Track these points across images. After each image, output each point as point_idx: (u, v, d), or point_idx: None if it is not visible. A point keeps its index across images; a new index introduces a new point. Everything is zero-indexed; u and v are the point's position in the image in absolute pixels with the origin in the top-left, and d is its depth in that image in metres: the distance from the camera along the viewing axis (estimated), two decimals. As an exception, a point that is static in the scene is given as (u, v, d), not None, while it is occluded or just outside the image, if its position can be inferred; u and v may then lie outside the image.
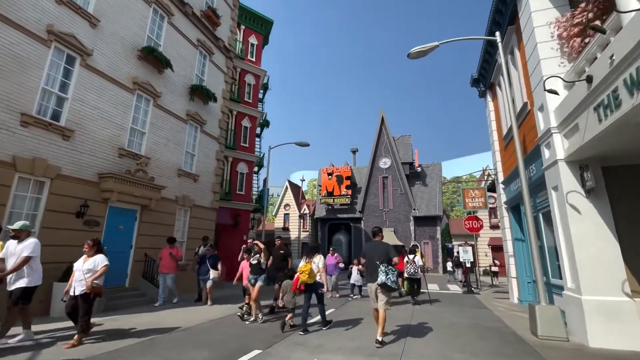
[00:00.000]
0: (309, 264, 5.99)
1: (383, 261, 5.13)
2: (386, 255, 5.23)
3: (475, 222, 13.69)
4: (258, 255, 6.65)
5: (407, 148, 32.70)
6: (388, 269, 5.05)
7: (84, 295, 4.90)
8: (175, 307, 8.28)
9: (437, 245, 28.60)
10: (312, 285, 5.92)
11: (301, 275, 5.76)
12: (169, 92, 10.81)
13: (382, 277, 4.99)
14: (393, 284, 5.03)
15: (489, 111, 11.97)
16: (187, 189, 11.40)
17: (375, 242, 5.57)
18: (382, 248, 5.35)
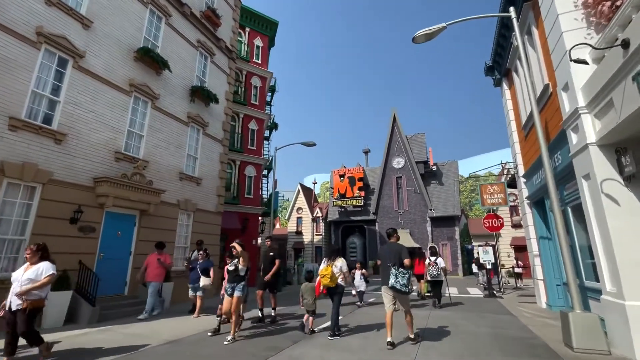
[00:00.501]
0: (330, 267, 5.90)
1: (395, 263, 5.07)
2: (398, 257, 5.14)
3: (495, 220, 12.74)
4: (236, 260, 5.77)
5: (421, 146, 31.69)
6: (398, 272, 4.98)
7: (21, 310, 4.12)
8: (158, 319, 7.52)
9: (455, 247, 27.39)
10: (335, 289, 5.84)
11: (322, 279, 5.72)
12: (168, 94, 10.58)
13: (391, 280, 4.97)
14: (402, 287, 4.93)
15: (506, 100, 11.11)
16: (190, 192, 11.10)
17: (389, 244, 5.52)
18: (394, 250, 5.27)
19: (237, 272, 5.66)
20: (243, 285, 5.71)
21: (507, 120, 11.33)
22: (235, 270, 5.67)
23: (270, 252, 7.30)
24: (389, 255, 5.25)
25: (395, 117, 32.26)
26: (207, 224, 11.77)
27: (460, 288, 15.56)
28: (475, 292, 13.71)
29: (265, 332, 6.39)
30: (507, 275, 16.45)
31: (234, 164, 17.69)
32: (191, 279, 8.10)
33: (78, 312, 6.94)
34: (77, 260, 7.39)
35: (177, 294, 9.73)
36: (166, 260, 8.15)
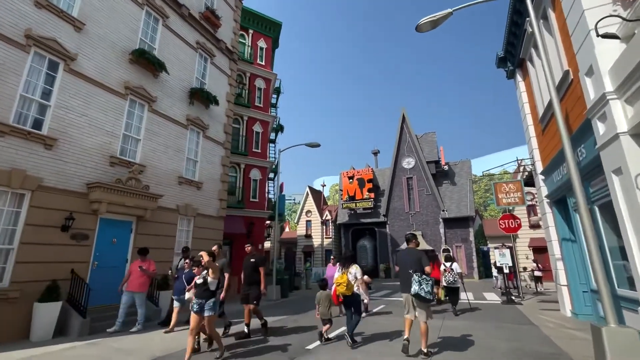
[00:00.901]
0: (345, 274, 5.71)
1: (416, 270, 4.95)
2: (419, 263, 5.02)
3: (512, 221, 11.97)
4: (205, 272, 4.95)
5: (431, 146, 30.83)
6: (422, 279, 4.84)
7: None
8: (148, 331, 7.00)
9: (470, 249, 26.38)
10: (351, 297, 5.71)
11: (338, 287, 5.57)
12: (165, 97, 10.33)
13: (415, 287, 4.81)
14: (427, 294, 4.78)
15: (520, 93, 10.40)
16: (190, 197, 10.80)
17: (408, 250, 5.38)
18: (414, 256, 5.13)
19: (207, 286, 4.88)
20: (214, 302, 4.89)
21: (522, 114, 10.61)
22: (204, 283, 4.89)
23: (252, 258, 6.49)
24: (409, 261, 5.10)
25: (404, 116, 31.54)
26: (209, 229, 11.44)
27: (476, 293, 14.75)
28: (492, 298, 12.91)
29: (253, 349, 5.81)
30: (529, 279, 15.49)
31: (239, 167, 17.41)
32: (175, 290, 7.17)
33: (69, 324, 6.64)
34: (70, 270, 7.12)
35: (176, 302, 9.38)
36: (149, 268, 7.36)
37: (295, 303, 12.15)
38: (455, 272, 9.29)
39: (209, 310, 4.82)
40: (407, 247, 5.49)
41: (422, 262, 5.02)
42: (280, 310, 9.97)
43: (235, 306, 10.12)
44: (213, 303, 4.87)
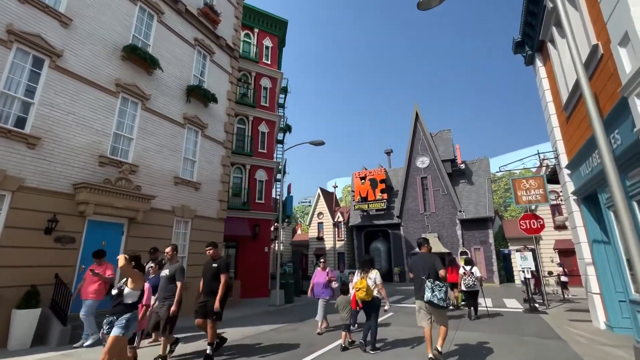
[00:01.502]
0: (365, 279, 5.66)
1: (429, 276, 4.84)
2: (432, 268, 4.90)
3: (534, 221, 10.92)
4: (122, 281, 4.01)
5: (447, 144, 29.60)
6: (434, 285, 4.73)
7: None
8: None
9: (490, 251, 24.98)
10: (371, 302, 5.65)
11: (358, 292, 5.54)
12: (161, 95, 10.00)
13: (427, 294, 4.72)
14: (440, 301, 4.66)
15: (540, 79, 9.43)
16: (187, 198, 10.40)
17: (420, 255, 5.25)
18: (427, 261, 5.02)
19: (121, 299, 3.86)
20: (127, 319, 3.79)
21: (542, 103, 9.63)
22: (120, 295, 3.88)
23: (214, 263, 5.51)
24: (422, 266, 4.97)
25: (417, 113, 30.48)
26: (208, 231, 11.01)
27: (496, 299, 13.66)
28: (513, 305, 11.84)
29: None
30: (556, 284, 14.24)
31: (244, 168, 17.03)
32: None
33: (49, 332, 6.28)
34: (54, 274, 6.78)
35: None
36: (105, 272, 6.33)
37: (299, 309, 11.53)
38: (475, 275, 9.13)
39: (120, 328, 3.70)
40: (419, 252, 5.34)
41: (435, 267, 4.89)
42: (280, 318, 9.38)
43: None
44: (126, 320, 3.77)
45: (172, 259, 5.73)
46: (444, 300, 4.71)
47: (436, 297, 4.65)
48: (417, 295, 5.05)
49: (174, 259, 5.75)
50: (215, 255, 5.75)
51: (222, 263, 5.60)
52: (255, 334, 7.39)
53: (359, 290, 5.53)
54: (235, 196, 16.33)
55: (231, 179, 16.61)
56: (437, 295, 4.66)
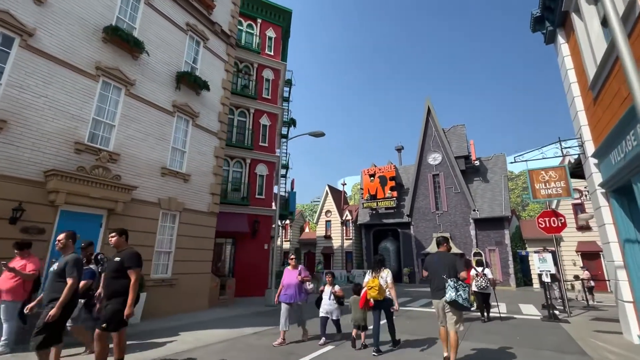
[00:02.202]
0: (377, 278, 5.58)
1: (450, 275, 4.69)
2: (453, 268, 4.76)
3: (554, 219, 9.81)
4: None
5: (460, 139, 28.25)
6: (458, 284, 4.56)
7: None
8: None
9: (506, 253, 23.59)
10: (382, 302, 5.61)
11: (370, 291, 5.50)
12: (147, 80, 9.46)
13: (451, 293, 4.51)
14: (465, 301, 4.49)
15: (563, 58, 8.34)
16: (175, 190, 9.84)
17: (439, 254, 5.09)
18: (448, 260, 4.89)
19: None
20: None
21: (565, 85, 8.54)
22: None
23: (117, 257, 4.17)
24: (442, 266, 4.82)
25: (429, 107, 29.24)
26: (198, 225, 10.42)
27: (511, 304, 12.55)
28: (529, 311, 10.75)
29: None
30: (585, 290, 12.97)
31: (244, 162, 16.45)
32: None
33: (8, 330, 5.76)
34: (19, 267, 6.27)
35: (154, 306, 8.43)
36: (25, 268, 5.29)
37: (294, 310, 10.78)
38: (488, 277, 9.04)
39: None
40: (437, 250, 5.16)
41: (456, 267, 4.76)
42: (270, 320, 8.67)
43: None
44: None
45: (64, 248, 4.18)
46: (468, 301, 4.53)
47: (461, 296, 4.46)
48: (435, 294, 4.88)
49: (67, 249, 4.19)
50: (119, 245, 4.27)
51: (128, 255, 4.14)
52: (233, 337, 6.69)
53: (371, 289, 5.47)
54: (235, 191, 15.78)
55: (230, 174, 16.11)
56: (462, 295, 4.48)
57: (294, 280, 6.33)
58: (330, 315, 6.35)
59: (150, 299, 8.40)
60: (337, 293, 6.36)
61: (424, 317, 9.57)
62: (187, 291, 9.71)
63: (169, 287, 9.23)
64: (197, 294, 10.06)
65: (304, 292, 6.46)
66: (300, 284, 6.37)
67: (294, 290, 6.28)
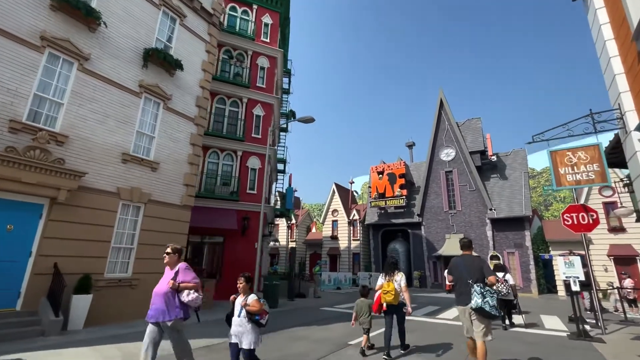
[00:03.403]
0: (391, 282, 5.45)
1: (477, 280, 4.35)
2: (479, 272, 4.43)
3: (584, 214, 8.10)
4: None
5: (476, 134, 26.25)
6: (485, 291, 4.23)
7: None
8: None
9: (526, 256, 21.47)
10: (397, 307, 5.49)
11: (385, 295, 5.35)
12: (108, 56, 8.46)
13: (477, 299, 4.19)
14: (492, 309, 4.14)
15: (595, 11, 6.70)
16: (139, 179, 8.78)
17: (465, 257, 4.74)
18: (475, 264, 4.55)
19: None
20: None
21: (597, 48, 6.90)
22: None
23: None
24: (468, 270, 4.54)
25: (442, 100, 27.39)
26: (167, 219, 9.33)
27: (532, 316, 10.78)
28: (553, 325, 9.03)
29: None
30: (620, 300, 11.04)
31: (235, 154, 15.37)
32: None
33: None
34: None
35: (100, 311, 7.34)
36: None
37: (277, 317, 9.50)
38: (509, 283, 8.58)
39: None
40: (462, 253, 4.84)
41: (484, 272, 4.46)
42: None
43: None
44: None
45: None
46: (496, 309, 4.21)
47: (488, 303, 4.15)
48: (459, 301, 4.58)
49: None
50: None
51: None
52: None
53: (386, 294, 5.32)
54: (225, 185, 14.69)
55: (220, 167, 15.06)
56: (490, 302, 4.17)
57: (163, 287, 3.92)
58: (239, 341, 3.93)
59: (101, 302, 7.34)
60: (251, 307, 3.89)
61: (424, 329, 8.07)
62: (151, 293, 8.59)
63: (128, 287, 8.15)
64: (164, 297, 8.93)
65: (180, 307, 3.90)
66: (172, 293, 3.90)
67: (162, 302, 3.86)
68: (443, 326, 8.63)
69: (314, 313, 10.39)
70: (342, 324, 8.46)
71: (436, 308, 12.31)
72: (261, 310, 3.90)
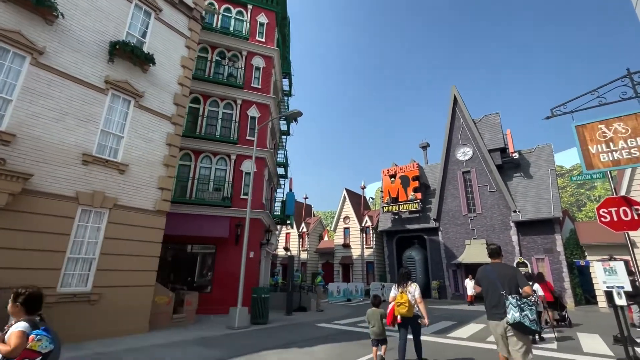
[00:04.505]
0: (405, 294, 5.23)
1: (512, 291, 3.96)
2: (513, 282, 4.03)
3: (626, 209, 6.47)
4: None
5: (495, 130, 24.32)
6: (523, 303, 3.78)
7: None
8: None
9: (558, 262, 19.17)
10: (411, 318, 5.24)
11: (399, 307, 5.15)
12: (67, 50, 7.83)
13: (514, 313, 3.73)
14: (533, 323, 3.68)
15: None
16: (104, 182, 7.99)
17: (495, 265, 4.32)
18: (508, 273, 4.13)
19: None
20: None
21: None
22: None
23: None
24: (500, 280, 4.09)
25: (456, 97, 25.72)
26: (138, 227, 8.46)
27: (565, 334, 8.98)
28: (594, 347, 7.29)
29: None
30: None
31: (229, 158, 14.56)
32: None
33: None
34: None
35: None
36: None
37: (259, 336, 8.30)
38: (537, 294, 8.36)
39: None
40: (492, 261, 4.39)
41: (518, 281, 4.02)
42: (205, 352, 6.30)
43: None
44: None
45: None
46: (537, 323, 3.71)
47: (527, 317, 3.66)
48: (492, 315, 4.13)
49: None
50: None
51: None
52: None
53: (400, 306, 5.17)
54: (216, 190, 13.85)
55: (213, 172, 14.28)
56: (529, 315, 3.67)
57: None
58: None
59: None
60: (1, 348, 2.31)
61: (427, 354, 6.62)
62: (116, 309, 7.68)
63: (86, 303, 7.25)
64: (132, 313, 7.99)
65: None
66: None
67: None
68: (453, 349, 7.12)
69: (304, 330, 9.12)
70: (330, 346, 7.15)
71: (450, 324, 10.69)
72: (16, 353, 2.26)
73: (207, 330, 8.81)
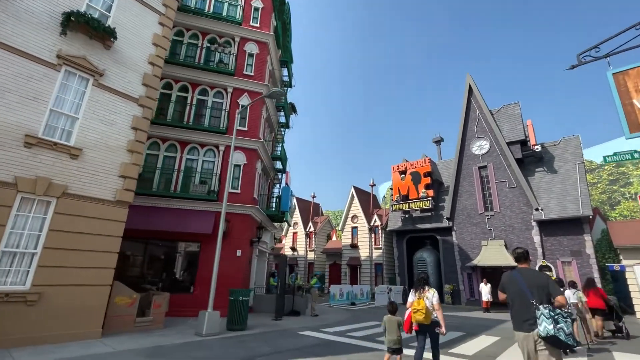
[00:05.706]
0: (422, 300, 5.01)
1: (543, 300, 3.50)
2: (544, 291, 3.56)
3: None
4: None
5: (514, 121, 22.32)
6: (557, 315, 3.33)
7: None
8: None
9: (588, 266, 17.08)
10: (429, 327, 5.01)
11: (416, 314, 4.93)
12: (13, 20, 7.02)
13: (547, 326, 3.29)
14: (569, 338, 3.24)
15: None
16: (52, 168, 7.12)
17: (523, 271, 3.82)
18: (539, 280, 3.64)
19: None
20: None
21: None
22: None
23: None
24: (529, 287, 3.62)
25: (470, 86, 23.86)
26: (93, 218, 7.54)
27: (598, 349, 7.33)
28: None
29: None
30: None
31: (217, 149, 13.60)
32: None
33: None
34: None
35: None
36: None
37: (216, 345, 7.14)
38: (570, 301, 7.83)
39: None
40: (518, 267, 3.90)
41: (550, 290, 3.55)
42: None
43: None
44: None
45: None
46: (574, 337, 3.28)
47: (563, 330, 3.22)
48: (520, 326, 3.60)
49: None
50: None
51: None
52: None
53: (416, 312, 4.90)
54: (202, 183, 12.91)
55: (200, 164, 13.37)
56: (565, 329, 3.23)
57: None
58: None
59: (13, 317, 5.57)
60: None
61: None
62: (61, 311, 6.76)
63: (23, 304, 6.35)
64: (81, 315, 7.04)
65: None
66: None
67: None
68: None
69: (281, 340, 7.91)
70: (300, 362, 5.91)
71: (457, 335, 9.23)
72: None
73: (171, 336, 7.76)
